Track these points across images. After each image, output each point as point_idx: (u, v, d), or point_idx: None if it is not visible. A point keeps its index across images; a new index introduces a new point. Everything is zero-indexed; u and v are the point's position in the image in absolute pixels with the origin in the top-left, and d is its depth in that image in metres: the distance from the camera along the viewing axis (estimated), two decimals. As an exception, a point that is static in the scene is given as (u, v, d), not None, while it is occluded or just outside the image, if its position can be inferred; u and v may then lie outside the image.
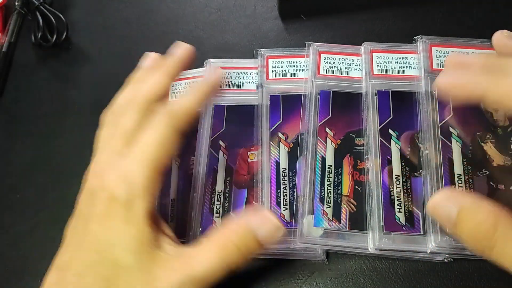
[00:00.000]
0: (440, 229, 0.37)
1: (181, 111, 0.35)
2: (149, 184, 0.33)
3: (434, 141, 0.41)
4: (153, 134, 0.34)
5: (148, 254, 0.32)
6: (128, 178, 0.33)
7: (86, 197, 0.35)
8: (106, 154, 0.36)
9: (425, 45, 0.45)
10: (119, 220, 0.32)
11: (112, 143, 0.36)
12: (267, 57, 0.47)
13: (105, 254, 0.31)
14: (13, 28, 0.56)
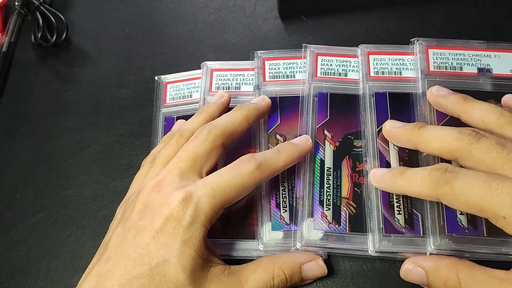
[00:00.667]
0: (439, 231, 0.37)
1: (269, 169, 0.37)
2: (213, 215, 0.35)
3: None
4: (236, 177, 0.36)
5: (201, 272, 0.33)
6: (197, 203, 0.34)
7: (142, 209, 0.35)
8: (169, 171, 0.37)
9: (422, 47, 0.45)
10: (178, 239, 0.33)
11: (176, 162, 0.37)
12: (264, 59, 0.47)
13: (156, 269, 0.32)
14: (13, 28, 0.57)
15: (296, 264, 0.37)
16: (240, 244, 0.40)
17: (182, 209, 0.34)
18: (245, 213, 0.41)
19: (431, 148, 0.37)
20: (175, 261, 0.32)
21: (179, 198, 0.34)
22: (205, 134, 0.38)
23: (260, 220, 0.40)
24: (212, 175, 0.36)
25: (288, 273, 0.36)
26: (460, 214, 0.38)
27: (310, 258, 0.38)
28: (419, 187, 0.35)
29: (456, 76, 0.44)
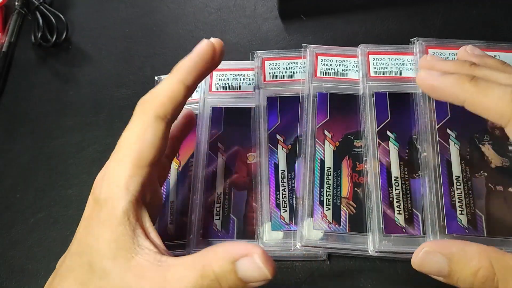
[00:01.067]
0: (439, 231, 0.37)
1: (160, 94, 0.32)
2: (127, 181, 0.30)
3: (432, 142, 0.41)
4: (129, 128, 0.32)
5: (124, 260, 0.29)
6: (109, 178, 0.31)
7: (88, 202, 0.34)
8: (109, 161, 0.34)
9: (422, 46, 0.45)
10: (98, 222, 0.30)
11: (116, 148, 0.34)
12: (264, 59, 0.47)
13: (85, 258, 0.30)
14: (13, 28, 0.56)
15: (227, 259, 0.28)
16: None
17: (98, 188, 0.31)
18: (245, 213, 0.41)
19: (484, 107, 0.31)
20: (97, 247, 0.29)
21: (98, 179, 0.32)
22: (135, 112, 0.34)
23: (260, 220, 0.40)
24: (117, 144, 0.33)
25: (218, 272, 0.28)
26: (460, 214, 0.38)
27: (244, 251, 0.28)
28: (494, 102, 0.30)
29: (456, 76, 0.44)
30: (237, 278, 0.28)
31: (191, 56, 0.34)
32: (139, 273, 0.28)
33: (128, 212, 0.30)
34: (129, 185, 0.30)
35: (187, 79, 0.33)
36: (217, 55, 0.36)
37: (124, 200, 0.30)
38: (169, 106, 0.32)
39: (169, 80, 0.33)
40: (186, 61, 0.34)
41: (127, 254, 0.29)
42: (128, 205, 0.30)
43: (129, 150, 0.31)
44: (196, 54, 0.34)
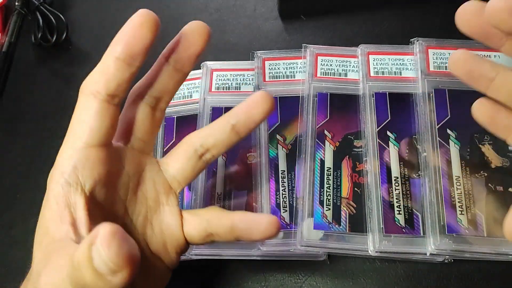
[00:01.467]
0: (439, 231, 0.37)
1: (93, 72, 0.30)
2: (63, 163, 0.29)
3: (432, 143, 0.41)
4: (73, 116, 0.30)
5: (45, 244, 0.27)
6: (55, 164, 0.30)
7: None
8: None
9: (422, 47, 0.45)
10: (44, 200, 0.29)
11: None
12: (264, 59, 0.48)
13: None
14: (13, 28, 0.56)
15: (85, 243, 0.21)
16: (240, 244, 0.40)
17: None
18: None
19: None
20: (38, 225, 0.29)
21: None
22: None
23: (260, 220, 0.40)
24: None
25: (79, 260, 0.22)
26: (460, 214, 0.38)
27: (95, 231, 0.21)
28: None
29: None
30: (94, 270, 0.21)
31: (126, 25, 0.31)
32: (48, 257, 0.26)
33: (57, 197, 0.28)
34: (63, 168, 0.29)
35: (115, 49, 0.30)
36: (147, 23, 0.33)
37: (56, 183, 0.28)
38: (100, 80, 0.29)
39: (102, 58, 0.30)
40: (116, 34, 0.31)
41: (48, 240, 0.27)
42: (58, 189, 0.28)
43: (67, 133, 0.30)
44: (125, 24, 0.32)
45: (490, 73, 0.31)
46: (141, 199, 0.33)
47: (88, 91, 0.29)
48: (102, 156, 0.30)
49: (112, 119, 0.30)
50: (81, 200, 0.28)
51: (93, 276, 0.21)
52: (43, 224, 0.28)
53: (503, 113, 0.32)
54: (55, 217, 0.28)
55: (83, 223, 0.27)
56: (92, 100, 0.29)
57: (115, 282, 0.21)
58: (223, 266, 0.37)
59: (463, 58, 0.32)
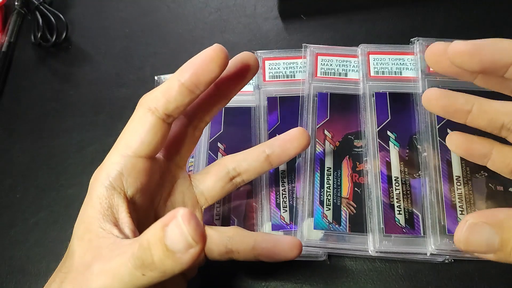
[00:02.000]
0: (439, 231, 0.37)
1: (152, 92, 0.32)
2: (110, 167, 0.31)
3: (432, 142, 0.41)
4: (128, 123, 0.33)
5: (88, 240, 0.29)
6: (103, 164, 0.32)
7: None
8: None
9: (422, 46, 0.45)
10: (82, 205, 0.32)
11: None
12: (264, 59, 0.47)
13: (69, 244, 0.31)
14: (13, 28, 0.56)
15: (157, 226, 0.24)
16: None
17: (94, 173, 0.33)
18: (245, 213, 0.41)
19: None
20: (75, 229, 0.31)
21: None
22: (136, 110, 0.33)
23: (260, 220, 0.40)
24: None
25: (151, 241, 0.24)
26: (460, 214, 0.38)
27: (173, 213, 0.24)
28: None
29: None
30: (165, 248, 0.24)
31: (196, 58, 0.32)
32: (97, 254, 0.28)
33: (101, 197, 0.31)
34: (109, 172, 0.31)
35: (183, 76, 0.31)
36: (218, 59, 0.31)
37: (101, 185, 0.31)
38: (161, 99, 0.31)
39: (171, 78, 0.32)
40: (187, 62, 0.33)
41: (92, 236, 0.29)
42: (103, 190, 0.31)
43: (118, 139, 0.32)
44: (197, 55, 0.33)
45: (465, 106, 0.33)
46: (169, 209, 0.35)
47: (147, 105, 0.31)
48: (146, 167, 0.32)
49: (163, 136, 0.32)
50: (124, 204, 0.31)
51: (163, 254, 0.24)
52: (85, 220, 0.30)
53: (477, 143, 0.35)
54: (98, 215, 0.30)
55: (126, 223, 0.30)
56: (149, 115, 0.31)
57: (185, 259, 0.24)
58: (223, 266, 0.37)
59: (435, 96, 0.34)
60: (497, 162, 0.35)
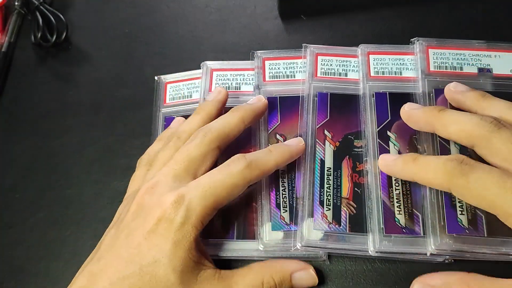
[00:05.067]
0: (440, 231, 0.37)
1: (260, 168, 0.37)
2: (204, 216, 0.35)
3: (432, 143, 0.40)
4: (226, 177, 0.36)
5: (191, 274, 0.34)
6: (188, 204, 0.34)
7: (136, 210, 0.36)
8: (163, 173, 0.37)
9: (422, 46, 0.45)
10: (169, 240, 0.33)
11: (172, 164, 0.37)
12: (264, 59, 0.47)
13: (146, 269, 0.33)
14: (13, 28, 0.56)
15: (287, 272, 0.37)
16: (240, 244, 0.40)
17: (174, 210, 0.34)
18: (245, 213, 0.41)
19: (450, 131, 0.37)
20: (166, 262, 0.33)
21: (171, 199, 0.34)
22: (201, 137, 0.38)
23: (260, 220, 0.40)
24: (203, 176, 0.36)
25: (278, 280, 0.36)
26: (460, 214, 0.38)
27: (301, 267, 0.37)
28: (432, 175, 0.35)
29: (456, 76, 0.44)
30: (290, 285, 0.37)
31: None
32: (206, 283, 0.34)
33: (198, 240, 0.35)
34: (204, 220, 0.35)
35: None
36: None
37: (198, 230, 0.35)
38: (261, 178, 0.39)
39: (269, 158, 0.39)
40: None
41: (195, 270, 0.34)
42: (199, 235, 0.35)
43: (217, 194, 0.35)
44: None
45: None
46: None
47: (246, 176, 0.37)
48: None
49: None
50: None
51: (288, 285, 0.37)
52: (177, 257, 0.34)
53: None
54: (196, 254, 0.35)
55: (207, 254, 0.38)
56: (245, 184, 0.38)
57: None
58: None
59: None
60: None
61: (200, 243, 0.36)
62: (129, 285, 0.32)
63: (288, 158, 0.40)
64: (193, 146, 0.38)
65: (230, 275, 0.36)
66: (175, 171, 0.37)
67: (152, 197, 0.36)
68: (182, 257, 0.33)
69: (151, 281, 0.32)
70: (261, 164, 0.38)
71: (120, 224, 0.36)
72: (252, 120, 0.42)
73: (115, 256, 0.34)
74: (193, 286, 0.33)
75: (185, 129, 0.41)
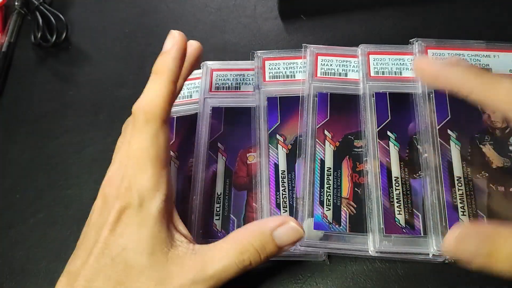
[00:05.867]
0: (441, 232, 0.37)
1: (159, 103, 0.34)
2: (154, 183, 0.33)
3: (432, 143, 0.41)
4: (140, 137, 0.34)
5: (161, 253, 0.32)
6: (135, 184, 0.33)
7: (100, 205, 0.35)
8: (117, 162, 0.36)
9: (421, 47, 0.45)
10: (132, 225, 0.33)
11: (120, 152, 0.37)
12: (264, 59, 0.47)
13: (117, 259, 0.32)
14: (13, 28, 0.56)
15: (266, 233, 0.34)
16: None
17: (128, 196, 0.33)
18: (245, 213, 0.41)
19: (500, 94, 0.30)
20: (132, 246, 0.32)
21: (124, 186, 0.34)
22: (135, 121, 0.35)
23: (260, 220, 0.40)
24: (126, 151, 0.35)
25: (257, 245, 0.33)
26: (462, 215, 0.38)
27: (280, 222, 0.34)
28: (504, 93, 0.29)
29: (456, 76, 0.44)
30: (275, 246, 0.33)
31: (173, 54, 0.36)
32: (178, 262, 0.32)
33: (162, 211, 0.33)
34: (158, 187, 0.33)
35: (176, 77, 0.35)
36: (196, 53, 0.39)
37: (157, 201, 0.33)
38: (169, 109, 0.35)
39: (161, 82, 0.35)
40: (171, 60, 0.36)
41: (164, 248, 0.33)
42: (161, 205, 0.33)
43: (147, 156, 0.34)
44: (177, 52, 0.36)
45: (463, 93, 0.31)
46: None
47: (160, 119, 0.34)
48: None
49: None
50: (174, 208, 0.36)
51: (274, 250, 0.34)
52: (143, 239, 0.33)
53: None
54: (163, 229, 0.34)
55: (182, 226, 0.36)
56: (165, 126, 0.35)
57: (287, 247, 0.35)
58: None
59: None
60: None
61: (171, 215, 0.35)
62: (103, 277, 0.32)
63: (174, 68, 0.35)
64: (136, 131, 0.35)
65: (206, 249, 0.34)
66: (130, 161, 0.35)
67: (111, 189, 0.35)
68: (147, 236, 0.32)
69: (124, 270, 0.32)
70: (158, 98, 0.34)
71: (89, 222, 0.36)
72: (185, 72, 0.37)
73: (87, 253, 0.33)
74: (164, 266, 0.32)
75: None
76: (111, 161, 0.38)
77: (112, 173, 0.36)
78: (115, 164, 0.37)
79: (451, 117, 0.41)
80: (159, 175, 0.34)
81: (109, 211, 0.34)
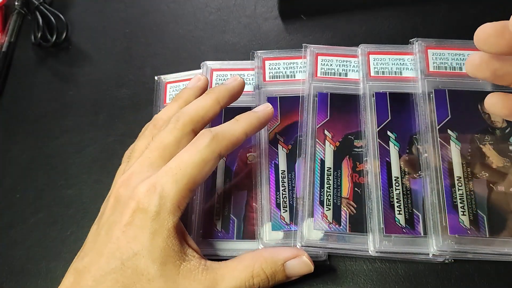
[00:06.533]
0: (441, 232, 0.37)
1: (227, 138, 0.36)
2: (180, 200, 0.34)
3: (432, 143, 0.41)
4: (194, 154, 0.35)
5: (174, 265, 0.33)
6: (161, 191, 0.33)
7: (113, 204, 0.35)
8: (139, 163, 0.36)
9: (421, 47, 0.45)
10: (146, 231, 0.33)
11: (146, 153, 0.36)
12: (264, 59, 0.47)
13: (127, 263, 0.32)
14: (13, 28, 0.56)
15: (278, 262, 0.35)
16: (240, 244, 0.40)
17: (147, 200, 0.33)
18: (245, 213, 0.41)
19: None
20: (145, 253, 0.32)
21: (144, 189, 0.34)
22: (174, 122, 0.37)
23: (260, 220, 0.40)
24: (172, 160, 0.35)
25: (269, 272, 0.35)
26: (462, 215, 0.38)
27: (293, 254, 0.36)
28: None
29: (456, 76, 0.44)
30: (284, 276, 0.35)
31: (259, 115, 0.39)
32: (189, 276, 0.33)
33: (178, 227, 0.34)
34: (181, 204, 0.34)
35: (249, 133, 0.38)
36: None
37: (176, 216, 0.34)
38: (230, 150, 0.37)
39: (239, 128, 0.37)
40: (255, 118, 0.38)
41: (177, 261, 0.33)
42: (178, 221, 0.34)
43: (187, 174, 0.34)
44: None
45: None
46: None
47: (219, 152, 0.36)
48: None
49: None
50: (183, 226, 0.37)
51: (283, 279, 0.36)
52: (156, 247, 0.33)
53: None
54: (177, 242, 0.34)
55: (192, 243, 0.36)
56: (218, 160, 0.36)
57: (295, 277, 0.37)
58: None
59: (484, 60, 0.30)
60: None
61: (183, 231, 0.35)
62: (111, 280, 0.32)
63: (256, 124, 0.38)
64: (166, 132, 0.37)
65: (217, 267, 0.34)
66: (149, 159, 0.36)
67: (127, 189, 0.35)
68: (161, 246, 0.33)
69: (133, 275, 0.32)
70: (228, 134, 0.36)
71: (100, 220, 0.36)
72: (228, 100, 0.40)
73: (97, 252, 0.33)
74: (176, 278, 0.33)
75: (161, 117, 0.41)
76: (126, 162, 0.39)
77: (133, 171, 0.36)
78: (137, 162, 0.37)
79: (451, 117, 0.41)
80: (187, 196, 0.34)
81: (122, 210, 0.34)
